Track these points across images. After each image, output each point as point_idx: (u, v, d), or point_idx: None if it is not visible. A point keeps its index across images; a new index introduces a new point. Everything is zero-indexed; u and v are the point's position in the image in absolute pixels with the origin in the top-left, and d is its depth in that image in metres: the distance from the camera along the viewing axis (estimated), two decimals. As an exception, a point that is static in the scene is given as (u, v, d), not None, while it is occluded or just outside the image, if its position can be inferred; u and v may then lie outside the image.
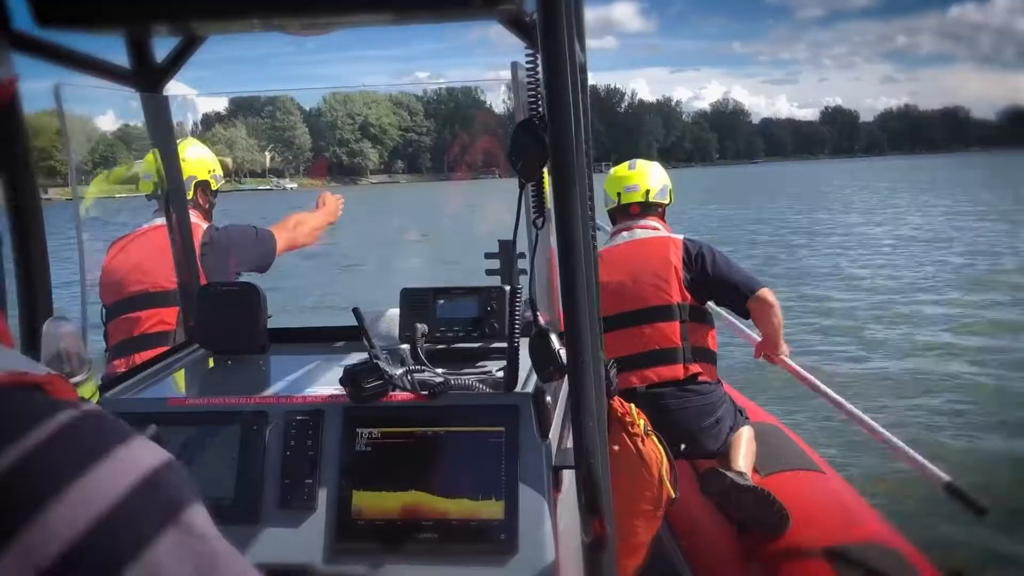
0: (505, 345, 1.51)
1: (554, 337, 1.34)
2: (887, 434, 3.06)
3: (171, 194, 1.86)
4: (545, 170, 1.30)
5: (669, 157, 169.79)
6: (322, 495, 1.39)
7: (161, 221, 2.85)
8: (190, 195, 3.02)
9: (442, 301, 1.71)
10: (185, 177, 2.90)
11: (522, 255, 1.51)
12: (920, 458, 2.93)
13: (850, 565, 2.39)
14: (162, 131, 1.79)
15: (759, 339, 3.35)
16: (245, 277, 2.97)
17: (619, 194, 3.40)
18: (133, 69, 1.66)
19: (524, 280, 1.54)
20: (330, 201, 3.38)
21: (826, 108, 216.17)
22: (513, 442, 1.38)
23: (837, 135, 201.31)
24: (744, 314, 3.15)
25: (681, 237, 3.23)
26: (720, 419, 3.02)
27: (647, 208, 3.37)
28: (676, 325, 3.04)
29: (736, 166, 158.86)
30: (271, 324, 1.88)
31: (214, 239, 2.92)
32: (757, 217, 26.67)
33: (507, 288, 1.68)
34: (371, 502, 1.37)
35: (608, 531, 1.27)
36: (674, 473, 1.81)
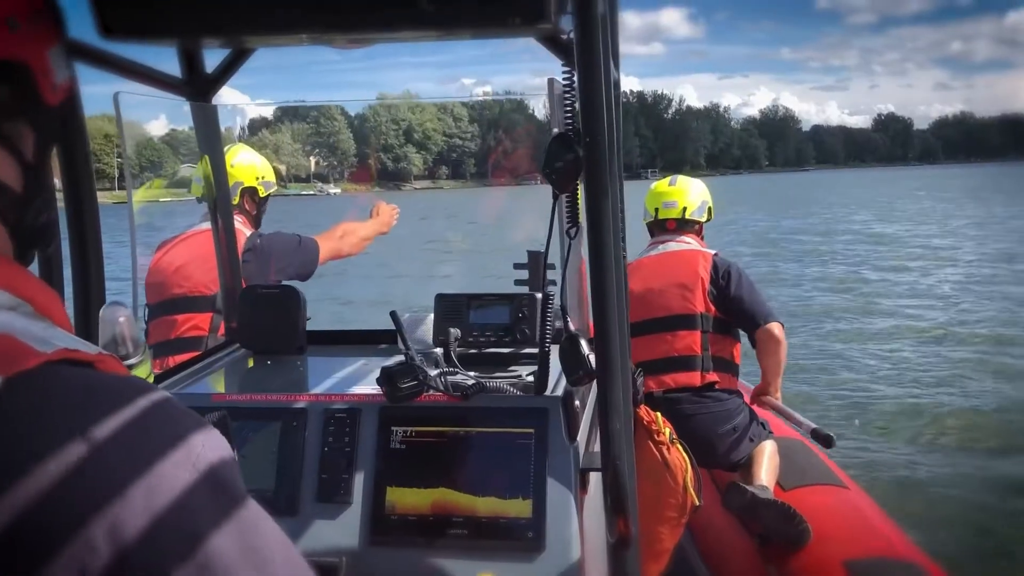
0: (535, 351, 1.55)
1: (584, 343, 1.38)
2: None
3: (218, 200, 1.93)
4: (578, 182, 1.35)
5: (717, 164, 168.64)
6: (357, 490, 1.44)
7: (207, 225, 2.94)
8: (236, 200, 3.08)
9: (475, 307, 1.76)
10: (232, 183, 2.99)
11: (551, 266, 1.56)
12: (794, 413, 3.17)
13: None
14: (211, 139, 1.87)
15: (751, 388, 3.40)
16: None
17: (657, 209, 3.47)
18: (184, 79, 1.73)
19: (553, 290, 1.58)
20: (384, 211, 3.37)
21: (879, 115, 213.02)
22: (542, 444, 1.42)
23: (890, 142, 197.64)
24: (753, 342, 3.20)
25: (712, 252, 3.28)
26: (737, 427, 3.06)
27: (684, 224, 3.43)
28: (697, 334, 3.11)
29: (786, 173, 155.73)
30: (309, 326, 1.95)
31: (256, 246, 2.97)
32: (824, 228, 25.53)
33: (538, 296, 1.73)
34: (404, 498, 1.42)
35: (632, 531, 1.30)
36: (698, 481, 1.83)
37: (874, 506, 2.95)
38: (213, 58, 1.79)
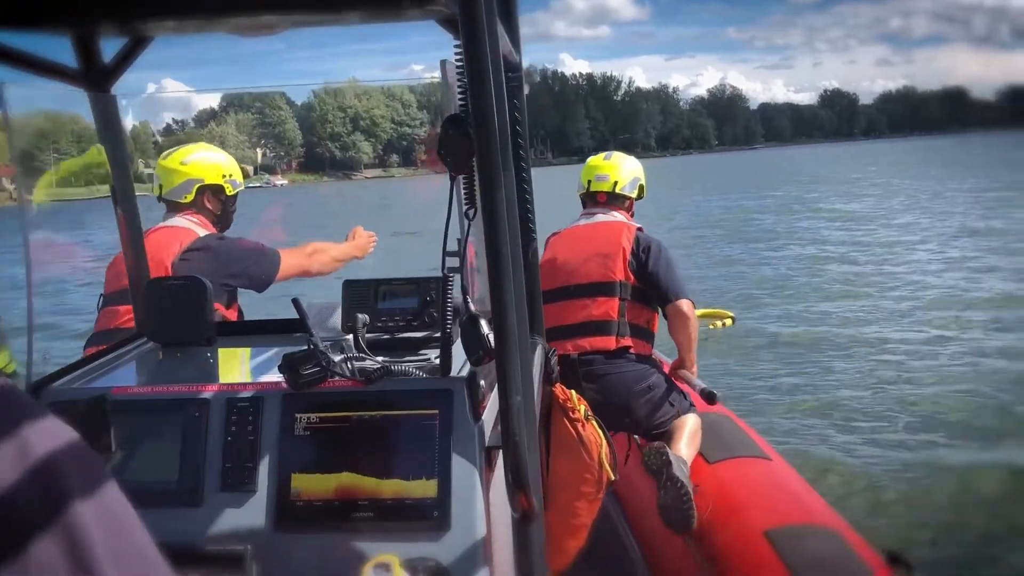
0: None
1: (483, 322, 1.39)
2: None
3: (120, 191, 1.89)
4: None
5: (667, 144, 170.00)
6: (262, 478, 1.44)
7: (173, 223, 2.88)
8: (190, 198, 3.00)
9: (383, 293, 1.76)
10: (183, 180, 2.95)
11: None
12: (692, 377, 3.30)
13: (790, 546, 2.44)
14: (111, 130, 1.82)
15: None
16: (243, 293, 2.95)
17: (589, 182, 3.58)
18: (81, 69, 1.69)
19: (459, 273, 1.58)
20: (361, 236, 3.28)
21: (824, 91, 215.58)
22: (447, 424, 1.43)
23: (836, 118, 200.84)
24: (665, 316, 3.31)
25: (637, 227, 3.39)
26: (652, 387, 3.15)
27: (614, 199, 3.54)
28: (615, 301, 3.21)
29: (736, 152, 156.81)
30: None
31: (207, 246, 2.88)
32: (786, 208, 24.63)
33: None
34: (309, 484, 1.42)
35: (535, 506, 1.32)
36: (613, 455, 1.86)
37: (797, 476, 3.03)
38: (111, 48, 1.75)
